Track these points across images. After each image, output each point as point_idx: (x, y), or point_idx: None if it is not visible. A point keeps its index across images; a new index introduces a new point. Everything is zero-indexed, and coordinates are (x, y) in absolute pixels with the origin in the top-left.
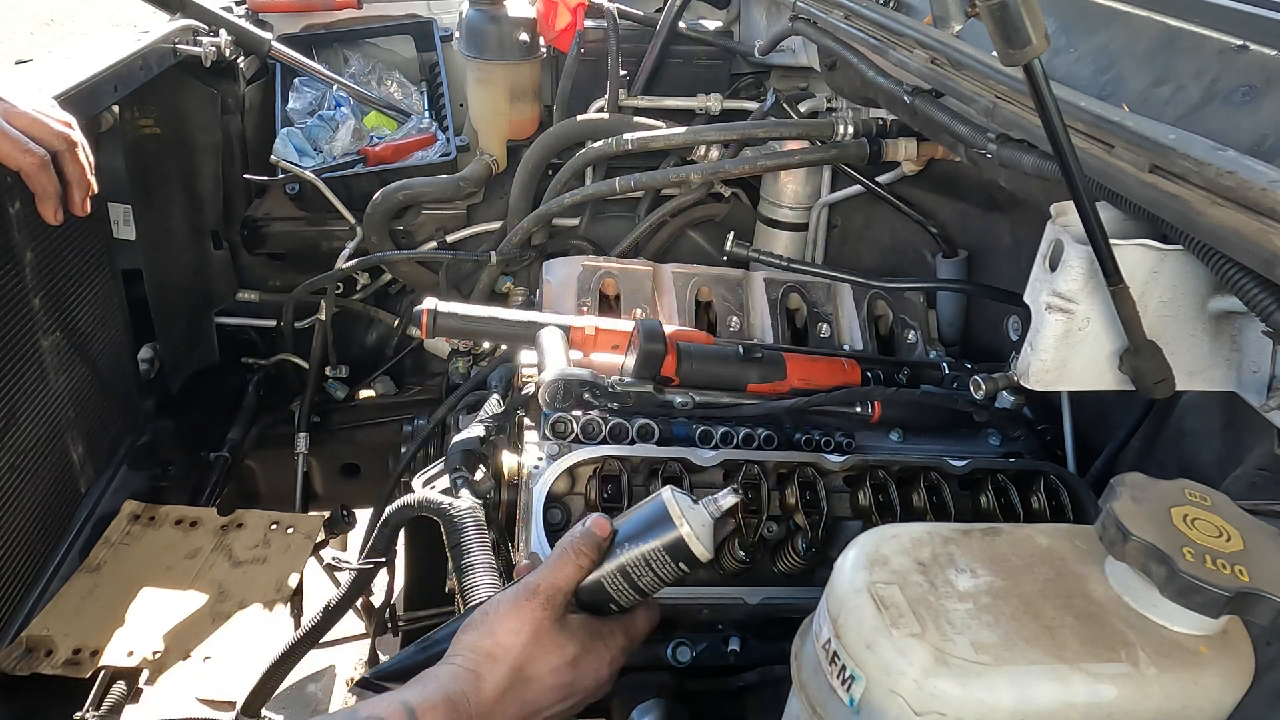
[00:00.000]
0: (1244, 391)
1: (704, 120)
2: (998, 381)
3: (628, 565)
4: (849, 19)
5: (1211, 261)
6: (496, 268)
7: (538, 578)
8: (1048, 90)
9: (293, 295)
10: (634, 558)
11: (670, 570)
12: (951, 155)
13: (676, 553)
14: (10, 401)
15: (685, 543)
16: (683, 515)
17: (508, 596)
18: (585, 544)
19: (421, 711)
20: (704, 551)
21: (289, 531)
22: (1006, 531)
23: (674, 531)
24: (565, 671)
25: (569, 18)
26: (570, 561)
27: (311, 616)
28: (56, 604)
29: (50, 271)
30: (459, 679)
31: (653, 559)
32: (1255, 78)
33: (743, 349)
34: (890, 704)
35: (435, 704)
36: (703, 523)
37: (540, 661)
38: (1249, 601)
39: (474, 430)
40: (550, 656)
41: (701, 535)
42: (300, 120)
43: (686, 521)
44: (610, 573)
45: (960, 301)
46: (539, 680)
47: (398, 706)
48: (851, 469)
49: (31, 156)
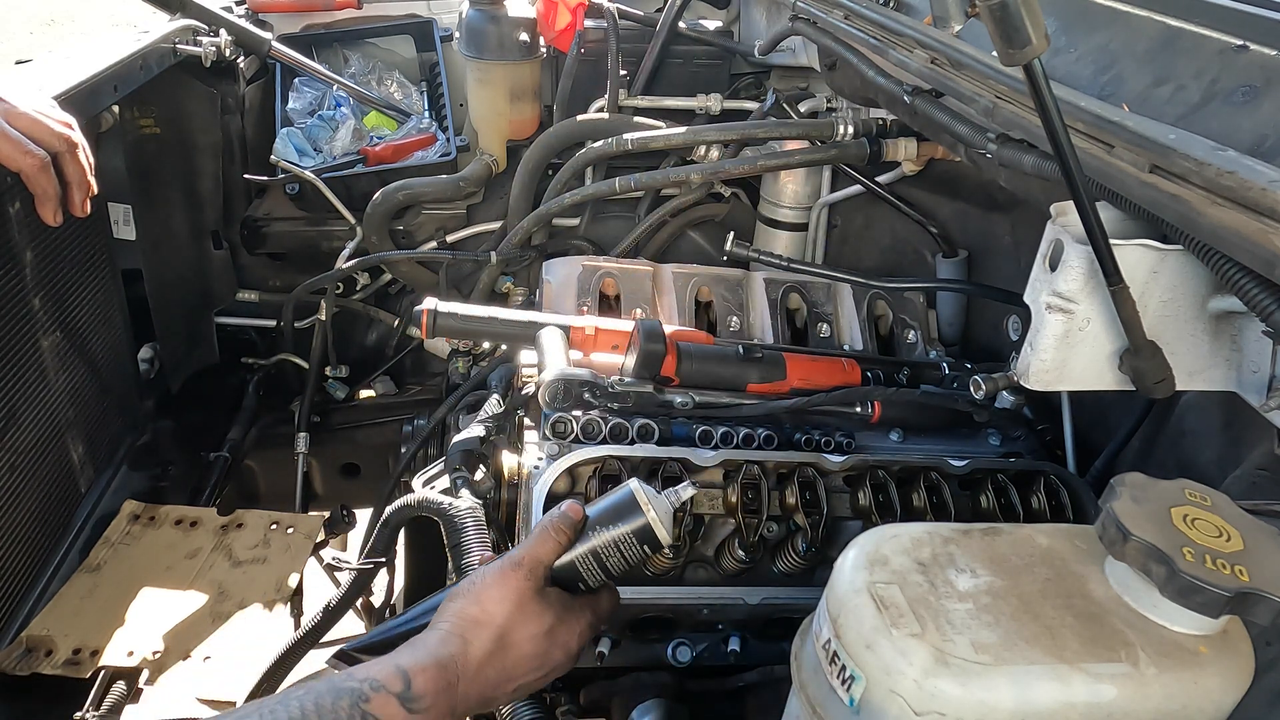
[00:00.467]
0: (1244, 391)
1: (704, 120)
2: (998, 381)
3: (598, 547)
4: (849, 19)
5: (1211, 261)
6: (496, 268)
7: (521, 552)
8: (1048, 90)
9: (293, 295)
10: (604, 541)
11: (635, 553)
12: (951, 155)
13: (642, 537)
14: (10, 401)
15: (651, 528)
16: (649, 503)
17: (493, 569)
18: (563, 524)
19: (414, 673)
20: (666, 537)
21: (289, 531)
22: (1006, 531)
23: (641, 518)
24: (542, 640)
25: (569, 18)
26: (550, 538)
27: (311, 616)
28: (56, 604)
29: (50, 271)
30: (447, 643)
31: (621, 542)
32: (1255, 78)
33: (743, 349)
34: (890, 704)
35: (426, 666)
36: (665, 510)
37: (521, 629)
38: (1249, 601)
39: (474, 430)
40: (530, 624)
41: (665, 522)
42: (300, 120)
43: (653, 508)
44: (582, 554)
45: (960, 301)
46: (518, 647)
47: (391, 669)
48: (851, 469)
49: (32, 158)
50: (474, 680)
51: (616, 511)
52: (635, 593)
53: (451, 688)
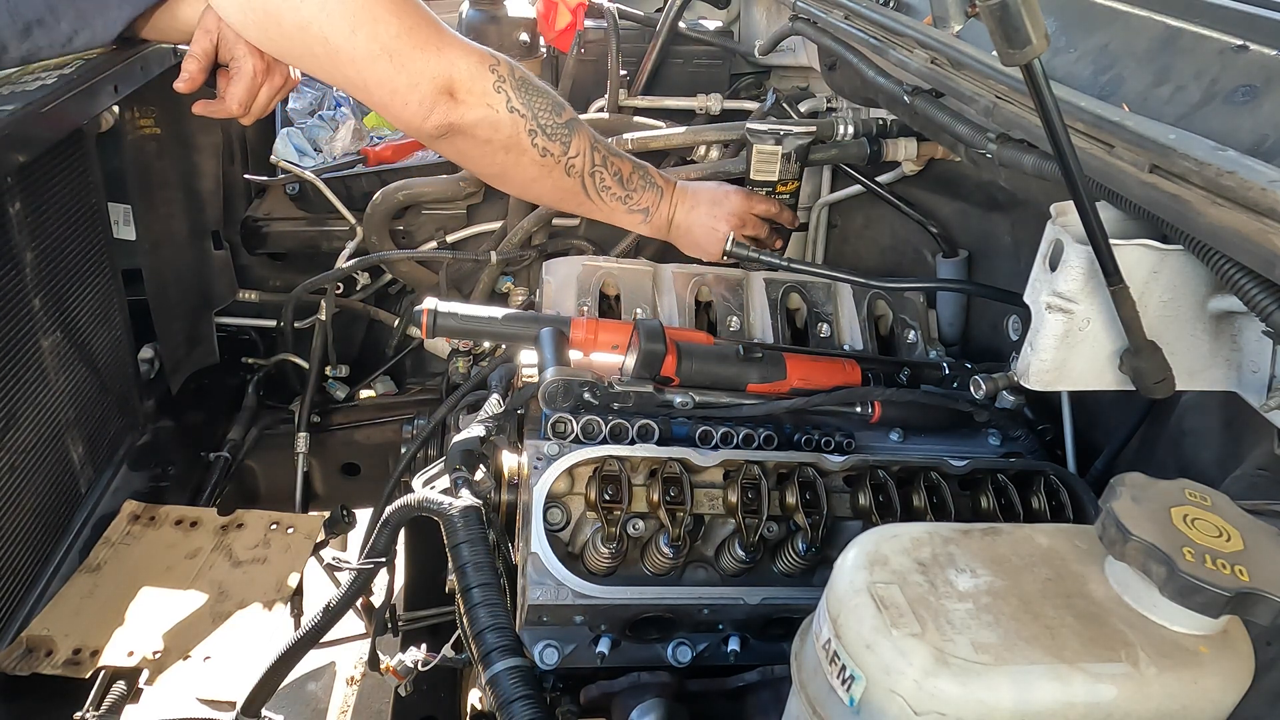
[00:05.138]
0: (1244, 391)
1: (704, 120)
2: (998, 381)
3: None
4: (849, 19)
5: (1211, 261)
6: (496, 268)
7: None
8: (1048, 90)
9: (293, 295)
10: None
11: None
12: (951, 155)
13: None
14: (10, 401)
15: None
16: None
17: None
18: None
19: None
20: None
21: (289, 531)
22: (1006, 531)
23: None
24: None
25: (569, 18)
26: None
27: (312, 616)
28: (56, 604)
29: (50, 271)
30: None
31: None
32: (1255, 78)
33: (743, 349)
34: (890, 704)
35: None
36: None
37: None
38: (1249, 601)
39: (474, 430)
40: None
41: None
42: (300, 120)
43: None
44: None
45: (960, 301)
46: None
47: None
48: (851, 469)
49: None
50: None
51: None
52: (635, 593)
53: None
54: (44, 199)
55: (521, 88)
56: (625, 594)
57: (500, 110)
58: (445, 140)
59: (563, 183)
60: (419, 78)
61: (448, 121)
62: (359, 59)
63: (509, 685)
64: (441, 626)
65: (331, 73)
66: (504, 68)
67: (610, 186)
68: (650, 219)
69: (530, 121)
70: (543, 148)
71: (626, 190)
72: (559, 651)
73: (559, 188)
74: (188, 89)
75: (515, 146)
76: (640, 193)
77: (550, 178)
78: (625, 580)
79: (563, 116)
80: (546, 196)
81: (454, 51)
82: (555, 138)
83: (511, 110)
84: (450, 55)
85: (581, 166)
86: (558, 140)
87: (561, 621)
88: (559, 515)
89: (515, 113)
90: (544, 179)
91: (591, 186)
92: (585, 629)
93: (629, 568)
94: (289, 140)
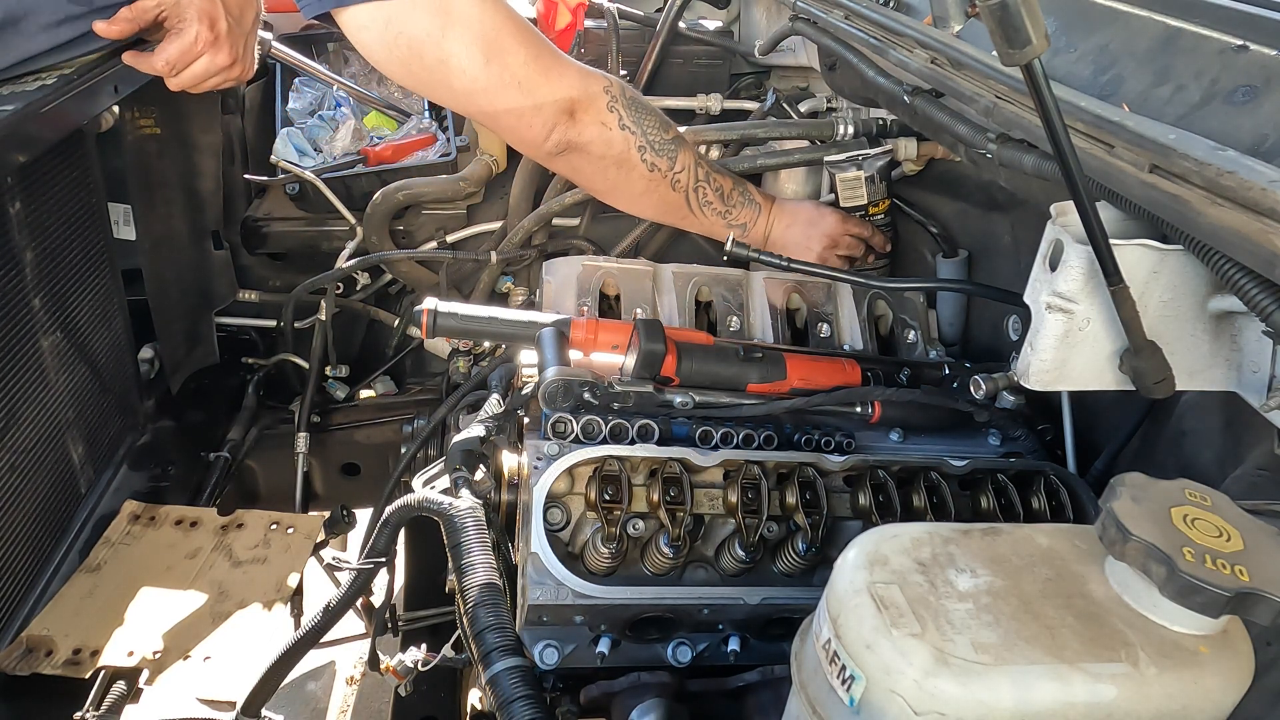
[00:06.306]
0: (1244, 391)
1: (704, 120)
2: (998, 381)
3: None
4: (849, 19)
5: (1211, 261)
6: (496, 268)
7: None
8: (1048, 90)
9: (293, 295)
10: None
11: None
12: (951, 155)
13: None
14: (10, 401)
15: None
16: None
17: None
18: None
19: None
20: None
21: (289, 531)
22: (1006, 531)
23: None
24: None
25: (569, 18)
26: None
27: (311, 616)
28: (56, 604)
29: (50, 271)
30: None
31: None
32: (1255, 78)
33: (743, 349)
34: (890, 704)
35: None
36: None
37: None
38: (1249, 601)
39: (474, 430)
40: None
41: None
42: (300, 120)
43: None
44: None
45: (960, 301)
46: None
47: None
48: (851, 469)
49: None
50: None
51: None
52: (635, 593)
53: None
54: (44, 199)
55: (632, 106)
56: (625, 594)
57: (613, 128)
58: (561, 157)
59: (669, 197)
60: (543, 101)
61: (566, 140)
62: (492, 89)
63: (509, 685)
64: (441, 626)
65: (466, 104)
66: (615, 87)
67: (712, 201)
68: (747, 234)
69: (640, 138)
70: (651, 163)
71: (727, 205)
72: (559, 651)
73: (665, 201)
74: (104, 33)
75: (626, 162)
76: (739, 208)
77: (657, 192)
78: (625, 580)
79: (669, 133)
80: (652, 210)
81: (572, 74)
82: (663, 153)
83: (623, 128)
84: (570, 78)
85: (686, 182)
86: (665, 156)
87: (561, 621)
88: (559, 515)
89: (626, 130)
90: (651, 193)
91: (695, 201)
92: (585, 629)
93: (629, 568)
94: (289, 140)
